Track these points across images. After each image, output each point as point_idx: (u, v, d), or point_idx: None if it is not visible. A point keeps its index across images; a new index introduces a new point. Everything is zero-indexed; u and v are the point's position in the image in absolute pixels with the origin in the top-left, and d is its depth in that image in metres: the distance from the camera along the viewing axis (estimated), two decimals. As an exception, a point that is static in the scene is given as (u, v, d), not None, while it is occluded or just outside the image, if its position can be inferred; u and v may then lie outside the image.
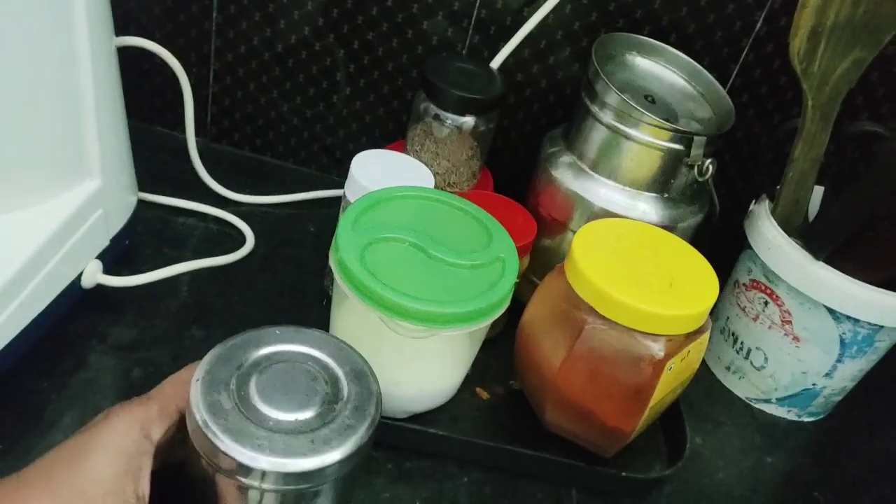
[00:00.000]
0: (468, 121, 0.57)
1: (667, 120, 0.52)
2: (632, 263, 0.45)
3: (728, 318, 0.59)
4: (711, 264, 0.47)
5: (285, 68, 0.66)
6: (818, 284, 0.51)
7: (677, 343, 0.44)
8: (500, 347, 0.54)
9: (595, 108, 0.53)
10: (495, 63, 0.59)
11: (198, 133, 0.70)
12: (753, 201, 0.58)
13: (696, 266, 0.47)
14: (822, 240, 0.50)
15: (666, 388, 0.46)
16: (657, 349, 0.43)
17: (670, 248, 0.48)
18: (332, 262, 0.44)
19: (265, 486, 0.30)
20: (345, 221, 0.44)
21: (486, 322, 0.43)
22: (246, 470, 0.30)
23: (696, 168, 0.51)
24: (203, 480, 0.32)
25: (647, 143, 0.52)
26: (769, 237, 0.53)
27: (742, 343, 0.58)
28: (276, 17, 0.63)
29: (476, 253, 0.45)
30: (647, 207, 0.54)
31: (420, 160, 0.56)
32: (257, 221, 0.63)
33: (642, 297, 0.43)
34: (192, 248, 0.59)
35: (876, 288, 0.49)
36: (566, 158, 0.56)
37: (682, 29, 0.59)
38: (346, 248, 0.42)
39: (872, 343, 0.53)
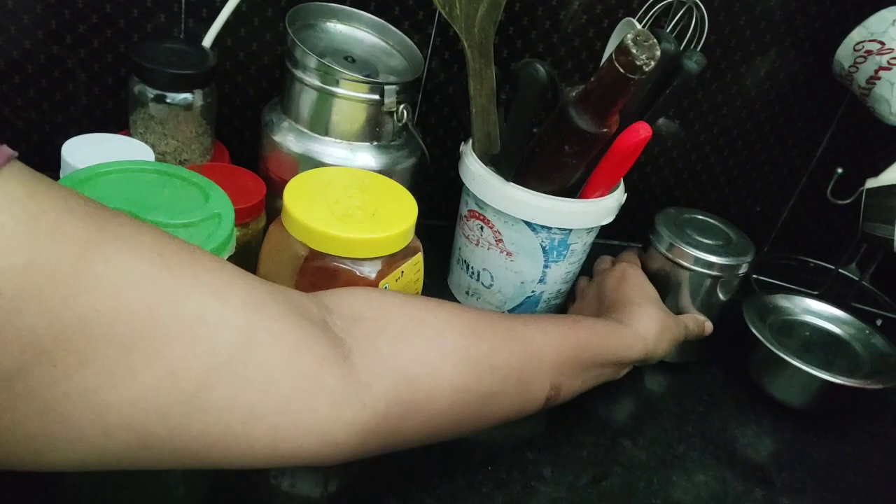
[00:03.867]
0: (188, 97, 0.59)
1: (367, 76, 0.58)
2: (339, 202, 0.51)
3: (460, 248, 0.66)
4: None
5: (-3, 70, 0.64)
6: (513, 202, 0.59)
7: (387, 265, 0.50)
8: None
9: (299, 73, 0.58)
10: (207, 41, 0.62)
11: None
12: (462, 143, 0.66)
13: (398, 197, 0.53)
14: (506, 163, 0.58)
15: (388, 307, 0.52)
16: (368, 271, 0.49)
17: (375, 186, 0.53)
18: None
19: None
20: (48, 198, 0.45)
21: (206, 272, 0.46)
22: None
23: (394, 115, 0.57)
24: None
25: (350, 97, 0.57)
26: (472, 170, 0.61)
27: (472, 268, 0.65)
28: (-25, 17, 0.62)
29: (192, 212, 0.48)
30: (365, 156, 0.60)
31: (147, 143, 0.58)
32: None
33: (347, 228, 0.48)
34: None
35: (555, 197, 0.59)
36: (285, 123, 0.60)
37: (379, -4, 0.66)
38: (50, 221, 0.44)
39: (568, 246, 0.62)
